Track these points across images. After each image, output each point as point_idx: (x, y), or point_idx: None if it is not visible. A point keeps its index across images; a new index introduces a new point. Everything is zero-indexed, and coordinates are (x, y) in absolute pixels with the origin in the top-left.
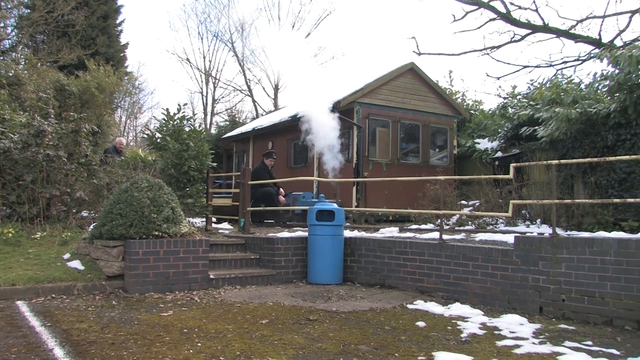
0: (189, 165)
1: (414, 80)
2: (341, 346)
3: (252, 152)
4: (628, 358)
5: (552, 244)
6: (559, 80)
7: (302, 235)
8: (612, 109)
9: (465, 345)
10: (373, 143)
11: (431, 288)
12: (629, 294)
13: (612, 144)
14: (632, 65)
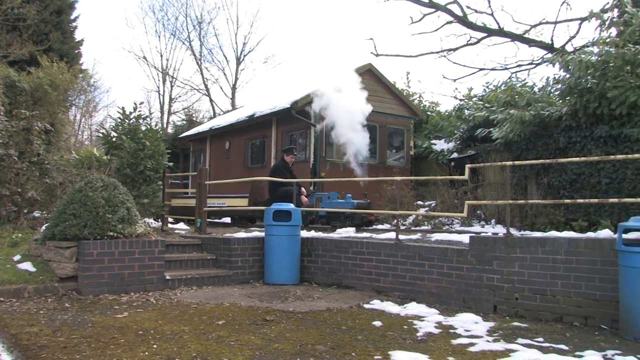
0: (145, 165)
1: (372, 81)
2: (298, 346)
3: (210, 152)
4: (576, 352)
5: (506, 244)
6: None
7: (259, 235)
8: (563, 112)
9: (421, 344)
10: (330, 144)
11: (388, 288)
12: (578, 292)
13: (563, 146)
14: (582, 70)
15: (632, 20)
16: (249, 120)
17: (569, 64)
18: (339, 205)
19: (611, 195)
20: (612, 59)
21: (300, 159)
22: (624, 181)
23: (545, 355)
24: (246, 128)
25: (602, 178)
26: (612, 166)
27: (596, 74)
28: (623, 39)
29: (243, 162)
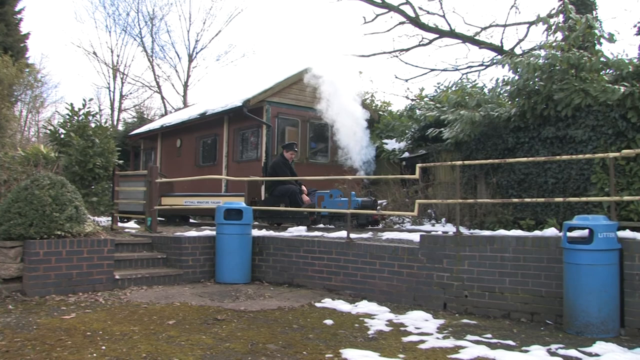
0: (94, 163)
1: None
2: (249, 345)
3: (161, 150)
4: (522, 347)
5: (456, 242)
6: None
7: (210, 234)
8: (512, 113)
9: (373, 341)
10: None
11: (339, 286)
12: (525, 288)
13: (512, 146)
14: (530, 72)
15: (576, 26)
16: (201, 118)
17: (518, 66)
18: (342, 203)
19: (557, 195)
20: (558, 63)
21: (252, 157)
22: (569, 181)
23: (493, 351)
24: (198, 126)
25: (549, 178)
26: (558, 166)
27: (543, 77)
28: (568, 44)
29: (194, 161)
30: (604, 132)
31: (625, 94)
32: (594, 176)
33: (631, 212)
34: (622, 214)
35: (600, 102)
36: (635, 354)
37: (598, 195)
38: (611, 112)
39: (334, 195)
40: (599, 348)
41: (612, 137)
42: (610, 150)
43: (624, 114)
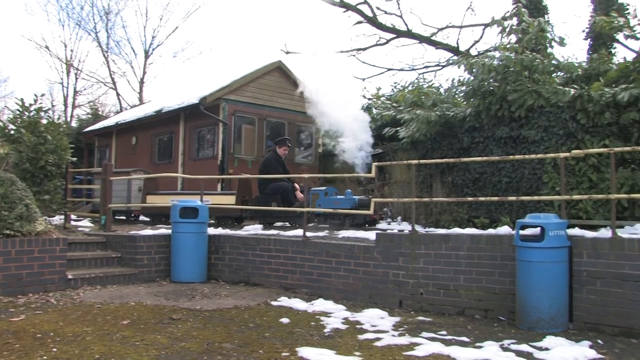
0: (46, 160)
1: (282, 78)
2: (205, 345)
3: (115, 147)
4: (476, 344)
5: (411, 241)
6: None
7: (165, 232)
8: (467, 113)
9: (329, 339)
10: (239, 140)
11: (295, 285)
12: (479, 286)
13: (467, 146)
14: (485, 73)
15: (529, 29)
16: (157, 115)
17: (473, 67)
18: (338, 201)
19: (511, 194)
20: (512, 64)
21: (209, 155)
22: (522, 180)
23: (447, 348)
24: (153, 123)
25: (503, 177)
26: (511, 166)
27: (498, 78)
28: (522, 46)
29: (150, 158)
30: (556, 133)
31: (575, 96)
32: (545, 175)
33: (580, 210)
34: (571, 212)
35: (551, 103)
36: (582, 347)
37: (549, 194)
38: (562, 114)
39: (329, 193)
40: (548, 342)
41: (562, 137)
42: (561, 151)
43: (574, 115)
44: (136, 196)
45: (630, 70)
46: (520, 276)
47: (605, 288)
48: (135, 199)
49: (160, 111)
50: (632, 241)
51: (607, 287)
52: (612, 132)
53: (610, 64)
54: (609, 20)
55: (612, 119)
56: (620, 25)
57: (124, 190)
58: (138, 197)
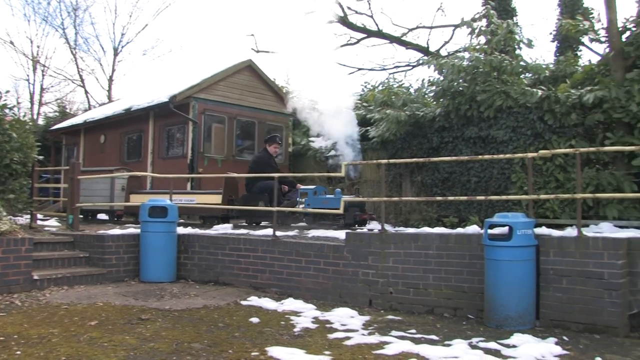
0: (11, 158)
1: (252, 77)
2: (174, 345)
3: (84, 146)
4: (445, 342)
5: (381, 240)
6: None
7: (135, 232)
8: (437, 113)
9: (299, 339)
10: (208, 139)
11: (265, 284)
12: (448, 284)
13: (436, 145)
14: (455, 73)
15: (498, 30)
16: (126, 113)
17: (443, 67)
18: (327, 201)
19: (479, 193)
20: (481, 65)
21: (178, 154)
22: (490, 180)
23: (417, 346)
24: (123, 121)
25: (472, 177)
26: (480, 166)
27: (467, 78)
28: (491, 47)
29: (119, 157)
30: (524, 133)
31: (542, 97)
32: (513, 175)
33: (547, 209)
34: (539, 211)
35: (520, 104)
36: (548, 343)
37: (517, 193)
38: (530, 114)
39: (319, 192)
40: (516, 339)
41: (530, 138)
42: (528, 151)
43: (542, 116)
44: (119, 195)
45: (595, 72)
46: (489, 275)
47: (570, 286)
48: (118, 198)
49: (130, 109)
50: (597, 240)
51: (573, 284)
52: (578, 133)
53: (576, 66)
54: (574, 23)
55: (578, 120)
56: (586, 28)
57: (106, 189)
58: (121, 197)
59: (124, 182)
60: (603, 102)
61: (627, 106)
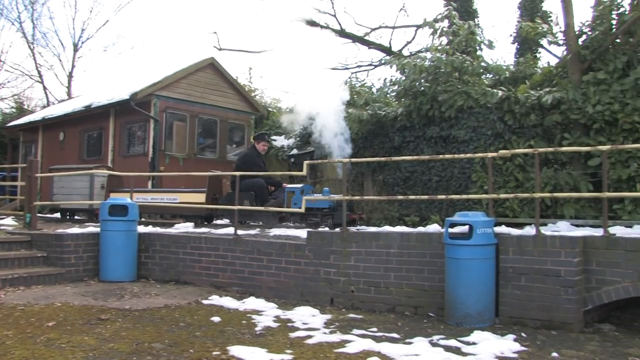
0: None
1: (214, 75)
2: (134, 345)
3: (42, 143)
4: (406, 340)
5: (342, 239)
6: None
7: (94, 231)
8: (399, 112)
9: (260, 338)
10: (170, 137)
11: (226, 283)
12: (409, 283)
13: (398, 145)
14: (416, 73)
15: (459, 31)
16: (86, 110)
17: (405, 67)
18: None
19: (441, 192)
20: (442, 65)
21: (139, 152)
22: (451, 179)
23: (378, 344)
24: (82, 119)
25: (433, 176)
26: (441, 165)
27: (429, 78)
28: (452, 48)
29: (79, 154)
30: (484, 133)
31: (502, 98)
32: (474, 175)
33: (507, 208)
34: (499, 210)
35: (480, 104)
36: (507, 340)
37: (478, 192)
38: (490, 114)
39: (306, 191)
40: (476, 337)
41: (491, 137)
42: (489, 150)
43: (502, 116)
44: (99, 194)
45: (554, 74)
46: (449, 273)
47: (529, 283)
48: (98, 196)
49: (90, 106)
50: (554, 238)
51: (531, 282)
52: (537, 134)
53: (535, 68)
54: (534, 26)
55: (537, 120)
56: (544, 31)
57: (85, 187)
58: (101, 195)
59: (104, 180)
60: (561, 103)
61: (584, 108)
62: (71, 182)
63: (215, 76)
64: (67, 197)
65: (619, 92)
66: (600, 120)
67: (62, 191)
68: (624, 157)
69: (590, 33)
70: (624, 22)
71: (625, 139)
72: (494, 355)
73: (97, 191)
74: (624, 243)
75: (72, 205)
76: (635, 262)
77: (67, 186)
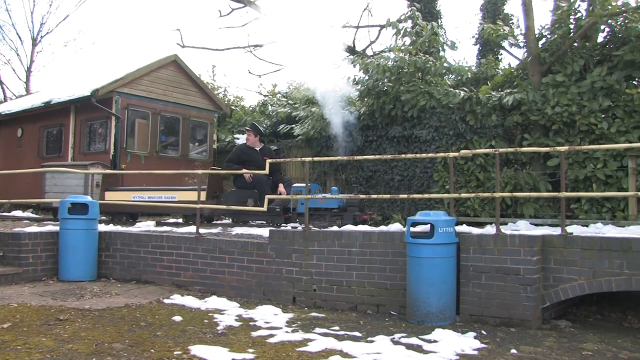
0: None
1: (177, 72)
2: (94, 346)
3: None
4: (368, 338)
5: (305, 237)
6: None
7: (53, 229)
8: (362, 112)
9: (222, 337)
10: (132, 135)
11: (188, 282)
12: (371, 282)
13: (361, 144)
14: (380, 73)
15: (422, 32)
16: (45, 106)
17: (368, 67)
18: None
19: (403, 191)
20: (405, 65)
21: (100, 149)
22: (413, 178)
23: (340, 343)
24: (42, 115)
25: (395, 175)
26: (404, 164)
27: (392, 78)
28: (415, 48)
29: (37, 152)
30: (446, 133)
31: (464, 98)
32: (436, 174)
33: (468, 208)
34: (460, 209)
35: (443, 104)
36: (467, 338)
37: (439, 192)
38: (452, 115)
39: (313, 191)
40: (437, 335)
41: (452, 137)
42: (450, 150)
43: (464, 116)
44: (95, 192)
45: (514, 76)
46: (411, 272)
47: (489, 282)
48: (95, 195)
49: (49, 102)
50: (514, 237)
51: (491, 280)
52: (498, 134)
53: (497, 69)
54: (495, 28)
55: (498, 121)
56: (506, 33)
57: (80, 185)
58: (97, 194)
59: (99, 178)
60: (521, 104)
61: (543, 109)
62: (65, 179)
63: (178, 73)
64: (60, 195)
65: (576, 94)
66: (559, 122)
67: (56, 189)
68: (581, 157)
69: (550, 36)
70: (581, 26)
71: (583, 140)
72: (454, 353)
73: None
74: (580, 242)
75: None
76: (591, 260)
77: (60, 184)
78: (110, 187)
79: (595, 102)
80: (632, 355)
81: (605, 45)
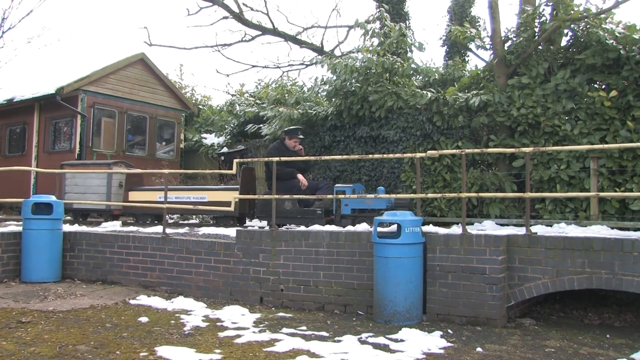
0: None
1: (144, 71)
2: (57, 348)
3: None
4: (335, 338)
5: (272, 237)
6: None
7: (16, 230)
8: (329, 112)
9: (189, 338)
10: (98, 133)
11: (155, 282)
12: (339, 281)
13: (328, 144)
14: (347, 73)
15: (390, 33)
16: (8, 104)
17: (336, 67)
18: (371, 201)
19: (370, 192)
20: (373, 66)
21: (65, 148)
22: (381, 178)
23: (307, 343)
24: (4, 113)
25: (363, 175)
26: (371, 164)
27: (360, 79)
28: (383, 49)
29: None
30: (413, 134)
31: (431, 99)
32: (403, 174)
33: (435, 208)
34: (427, 210)
35: (410, 105)
36: (434, 337)
37: (406, 192)
38: (419, 115)
39: (357, 191)
40: (404, 334)
41: (420, 138)
42: (417, 151)
43: (431, 117)
44: (117, 193)
45: (481, 77)
46: (378, 271)
47: (455, 281)
48: (116, 195)
49: (12, 100)
50: (480, 237)
51: (457, 280)
52: (465, 135)
53: (463, 71)
54: (462, 30)
55: (464, 122)
56: (472, 35)
57: (103, 185)
58: (119, 194)
59: (122, 177)
60: (487, 106)
61: (509, 110)
62: (86, 179)
63: (145, 72)
64: (81, 196)
65: (541, 96)
66: (524, 123)
67: (76, 190)
68: (546, 159)
69: (515, 39)
70: (545, 30)
71: (547, 142)
72: (421, 352)
73: (115, 190)
74: (544, 241)
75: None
76: (554, 259)
77: (81, 184)
78: (134, 187)
79: (559, 104)
80: (591, 350)
81: (569, 49)
